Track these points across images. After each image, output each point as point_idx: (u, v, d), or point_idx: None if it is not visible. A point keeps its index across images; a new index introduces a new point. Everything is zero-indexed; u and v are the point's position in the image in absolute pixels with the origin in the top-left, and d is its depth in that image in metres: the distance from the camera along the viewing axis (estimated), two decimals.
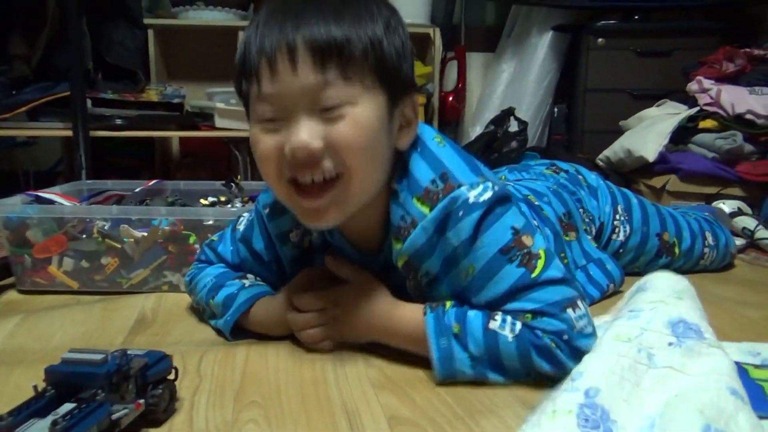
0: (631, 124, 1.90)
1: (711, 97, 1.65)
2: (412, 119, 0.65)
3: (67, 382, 0.48)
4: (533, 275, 0.60)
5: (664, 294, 0.59)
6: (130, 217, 0.94)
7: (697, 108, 1.69)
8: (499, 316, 0.60)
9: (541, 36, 2.32)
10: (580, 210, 0.94)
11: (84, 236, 0.94)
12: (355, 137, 0.58)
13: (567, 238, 0.88)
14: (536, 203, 0.87)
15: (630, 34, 2.17)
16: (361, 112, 0.58)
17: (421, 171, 0.63)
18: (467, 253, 0.61)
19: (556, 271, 0.61)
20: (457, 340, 0.60)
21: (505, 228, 0.61)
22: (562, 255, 0.86)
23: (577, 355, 0.56)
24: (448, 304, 0.63)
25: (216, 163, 2.20)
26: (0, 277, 0.96)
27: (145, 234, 0.94)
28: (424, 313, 0.62)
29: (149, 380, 0.52)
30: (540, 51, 2.32)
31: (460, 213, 0.61)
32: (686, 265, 1.05)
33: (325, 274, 0.71)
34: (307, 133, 0.57)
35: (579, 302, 0.60)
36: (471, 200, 0.61)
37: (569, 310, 0.59)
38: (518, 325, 0.59)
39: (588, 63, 2.18)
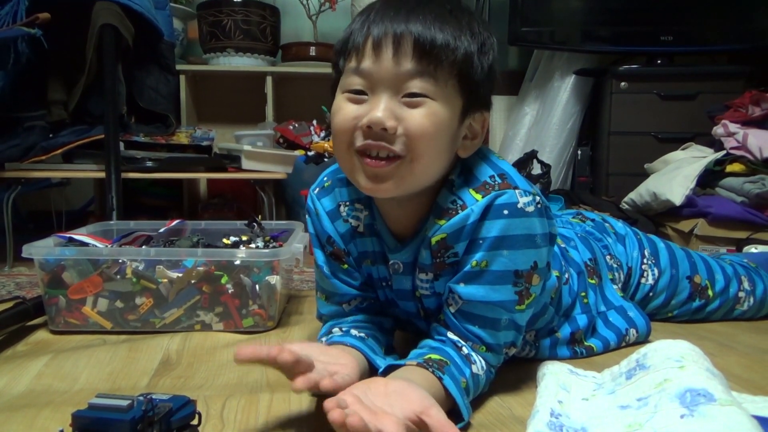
0: (657, 167, 1.89)
1: (738, 141, 1.64)
2: (478, 133, 0.70)
3: (94, 428, 0.49)
4: (517, 307, 0.68)
5: (665, 369, 0.60)
6: (167, 259, 0.96)
7: (724, 152, 1.68)
8: (473, 356, 0.67)
9: (564, 80, 2.35)
10: (607, 257, 0.95)
11: (118, 277, 0.96)
12: (427, 126, 0.63)
13: (591, 281, 0.89)
14: (562, 245, 0.89)
15: (653, 78, 2.18)
16: (437, 107, 0.63)
17: (482, 170, 0.69)
18: (488, 249, 0.66)
19: (526, 317, 0.70)
20: (466, 392, 0.64)
21: (529, 258, 0.67)
22: (583, 294, 0.87)
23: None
24: (445, 361, 0.65)
25: (242, 203, 2.24)
26: (32, 316, 0.98)
27: (180, 275, 0.96)
28: (439, 378, 0.62)
29: (173, 426, 0.53)
30: (563, 94, 2.34)
31: (505, 211, 0.65)
32: (722, 309, 1.03)
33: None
34: (386, 111, 0.63)
35: (516, 342, 0.72)
36: (519, 205, 0.65)
37: (508, 349, 0.71)
38: (483, 362, 0.68)
39: (611, 106, 2.19)
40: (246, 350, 0.57)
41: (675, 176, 1.69)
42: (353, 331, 0.74)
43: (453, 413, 0.61)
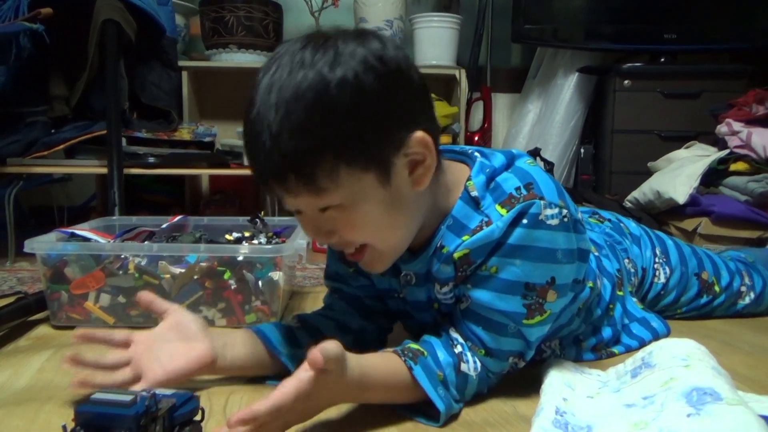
0: (660, 166, 1.89)
1: (741, 140, 1.64)
2: (425, 155, 0.61)
3: (96, 423, 0.48)
4: (525, 321, 0.65)
5: (671, 368, 0.59)
6: (169, 254, 0.96)
7: (728, 150, 1.67)
8: (466, 356, 0.65)
9: (567, 77, 2.34)
10: (626, 260, 0.94)
11: (121, 272, 0.95)
12: (354, 231, 0.62)
13: (619, 293, 0.88)
14: (596, 253, 0.85)
15: (657, 76, 2.18)
16: (352, 210, 0.60)
17: (509, 182, 0.65)
18: (500, 255, 0.63)
19: (537, 333, 0.67)
20: (443, 385, 0.63)
21: (545, 273, 0.64)
22: (611, 306, 0.85)
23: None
24: (422, 351, 0.64)
25: (244, 200, 2.24)
26: (34, 311, 0.98)
27: (183, 270, 0.96)
28: (410, 367, 0.61)
29: (176, 422, 0.52)
30: (566, 92, 2.33)
31: (524, 221, 0.62)
32: (726, 303, 1.03)
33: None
34: (313, 232, 0.64)
35: (524, 355, 0.68)
36: (541, 216, 0.63)
37: (512, 359, 0.68)
38: (478, 364, 0.66)
39: (615, 104, 2.18)
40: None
41: (678, 175, 1.69)
42: (294, 321, 0.76)
43: (431, 405, 0.61)
